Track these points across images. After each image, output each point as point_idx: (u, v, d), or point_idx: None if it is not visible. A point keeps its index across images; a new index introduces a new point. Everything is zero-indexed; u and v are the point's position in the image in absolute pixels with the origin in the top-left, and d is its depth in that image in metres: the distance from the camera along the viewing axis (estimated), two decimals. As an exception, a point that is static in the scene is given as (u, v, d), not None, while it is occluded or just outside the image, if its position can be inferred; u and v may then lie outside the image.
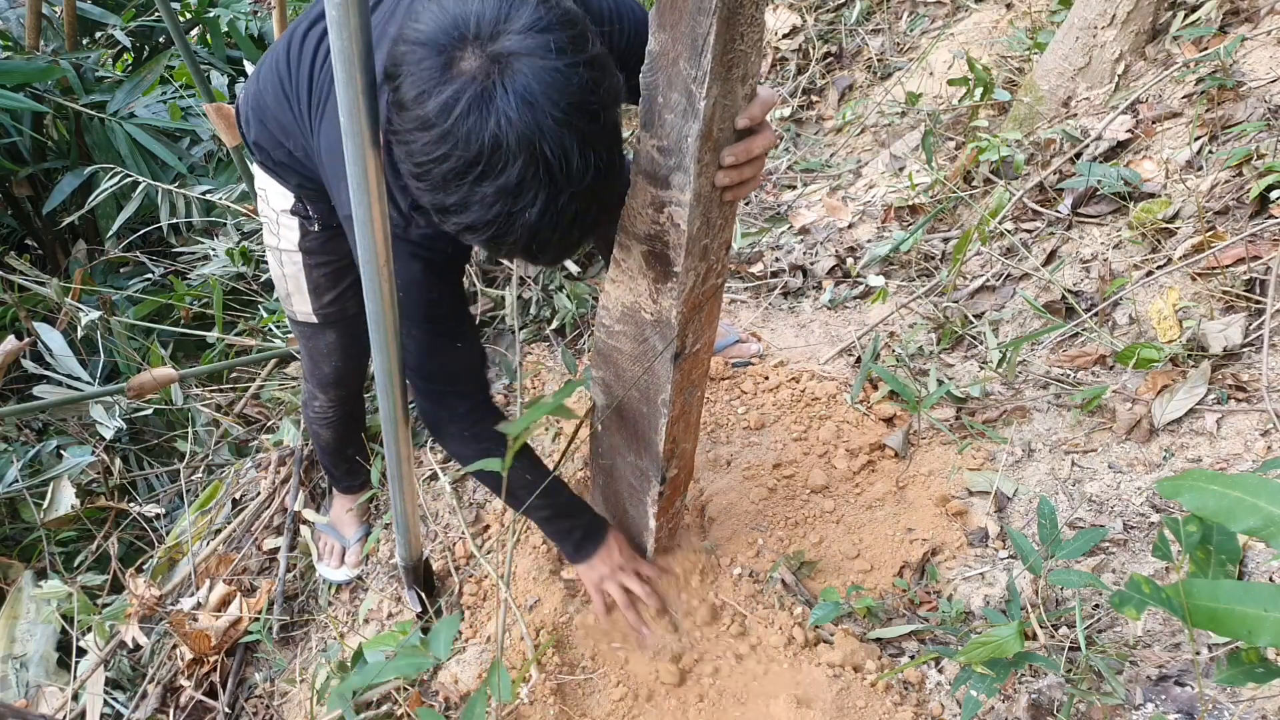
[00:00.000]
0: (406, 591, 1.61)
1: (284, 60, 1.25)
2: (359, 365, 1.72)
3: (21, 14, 3.06)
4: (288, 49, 1.25)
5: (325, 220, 1.43)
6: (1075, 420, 1.68)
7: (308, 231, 1.44)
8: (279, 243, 1.48)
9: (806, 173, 2.94)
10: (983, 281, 2.09)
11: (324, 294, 1.53)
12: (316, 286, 1.52)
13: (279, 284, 1.56)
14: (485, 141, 0.81)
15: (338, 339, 1.62)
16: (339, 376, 1.69)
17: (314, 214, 1.42)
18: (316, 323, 1.58)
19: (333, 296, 1.54)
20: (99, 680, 1.77)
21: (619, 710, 1.41)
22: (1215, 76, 1.95)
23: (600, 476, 1.50)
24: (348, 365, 1.68)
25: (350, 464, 1.90)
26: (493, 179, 0.83)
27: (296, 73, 1.22)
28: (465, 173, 0.84)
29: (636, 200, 1.03)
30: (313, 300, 1.53)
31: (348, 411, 1.79)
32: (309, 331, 1.61)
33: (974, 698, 1.11)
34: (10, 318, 2.52)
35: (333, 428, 1.80)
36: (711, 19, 0.81)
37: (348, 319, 1.59)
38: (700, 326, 1.17)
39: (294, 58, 1.23)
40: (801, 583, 1.57)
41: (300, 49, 1.23)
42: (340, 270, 1.51)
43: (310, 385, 1.73)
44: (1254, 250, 1.64)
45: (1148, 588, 0.84)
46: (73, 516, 2.13)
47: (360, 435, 1.89)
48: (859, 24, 3.32)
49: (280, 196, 1.43)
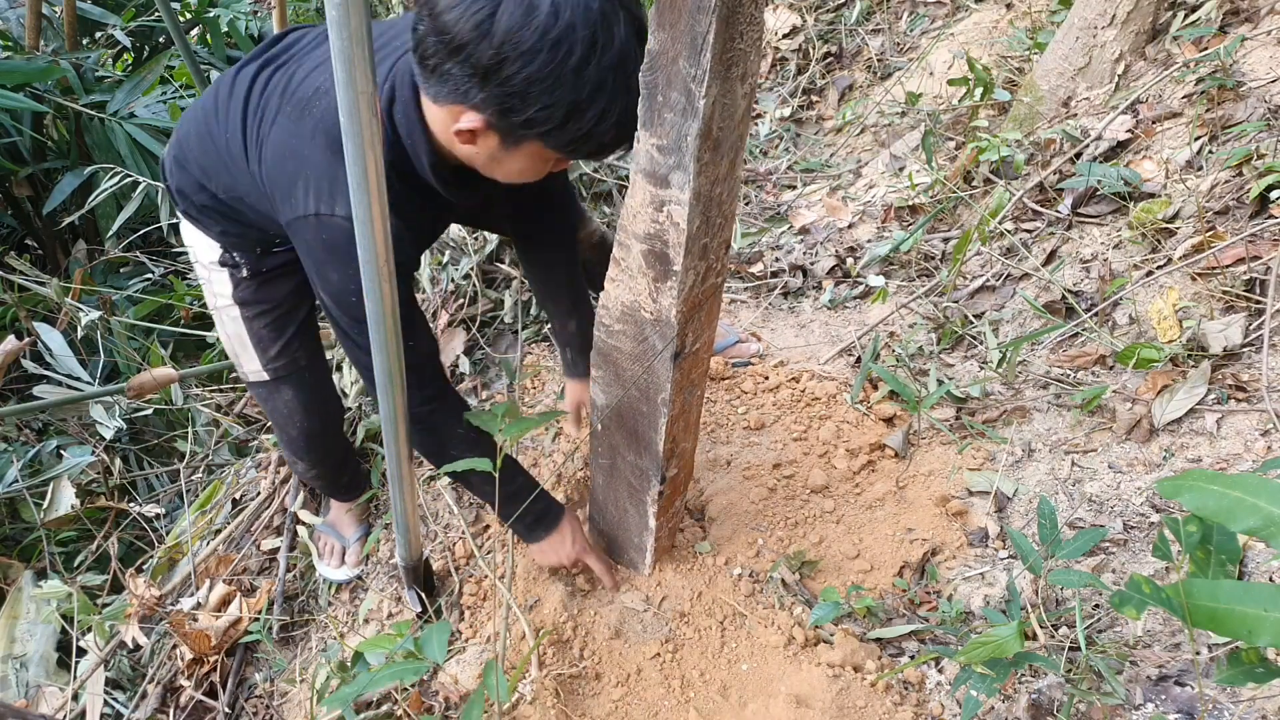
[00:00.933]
0: (406, 591, 1.61)
1: (211, 104, 1.27)
2: (327, 420, 1.68)
3: (21, 14, 3.06)
4: (215, 94, 1.27)
5: (254, 267, 1.43)
6: (1075, 420, 1.67)
7: (239, 281, 1.44)
8: (215, 300, 1.48)
9: (806, 173, 2.94)
10: (983, 281, 2.09)
11: (269, 347, 1.52)
12: (260, 339, 1.50)
13: (226, 345, 1.55)
14: (593, 16, 0.93)
15: (295, 395, 1.58)
16: (309, 438, 1.65)
17: (241, 260, 1.42)
18: (268, 379, 1.55)
19: (278, 349, 1.52)
20: (99, 680, 1.77)
21: (619, 710, 1.41)
22: (1215, 76, 1.95)
23: (600, 476, 1.50)
24: (313, 423, 1.63)
25: (347, 488, 1.91)
26: (610, 47, 0.95)
27: (227, 110, 1.23)
28: (588, 54, 0.93)
29: (635, 199, 1.03)
30: (259, 355, 1.52)
31: (334, 463, 1.79)
32: (265, 392, 1.59)
33: (974, 698, 1.11)
34: (10, 318, 2.52)
35: (323, 479, 1.82)
36: (711, 18, 0.81)
37: (300, 370, 1.56)
38: (700, 326, 1.17)
39: (223, 98, 1.24)
40: (801, 583, 1.57)
41: (231, 88, 1.23)
42: (281, 319, 1.50)
43: (288, 453, 1.73)
44: (1254, 250, 1.63)
45: (1148, 588, 0.84)
46: (73, 516, 2.13)
47: (352, 462, 1.90)
48: (859, 24, 3.32)
49: (206, 248, 1.42)
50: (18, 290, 2.45)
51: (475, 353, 2.32)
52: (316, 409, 1.62)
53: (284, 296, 1.48)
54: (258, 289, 1.46)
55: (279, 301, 1.48)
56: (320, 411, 1.64)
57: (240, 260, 1.42)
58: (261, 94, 1.19)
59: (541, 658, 1.45)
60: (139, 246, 3.00)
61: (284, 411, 1.60)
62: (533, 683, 1.41)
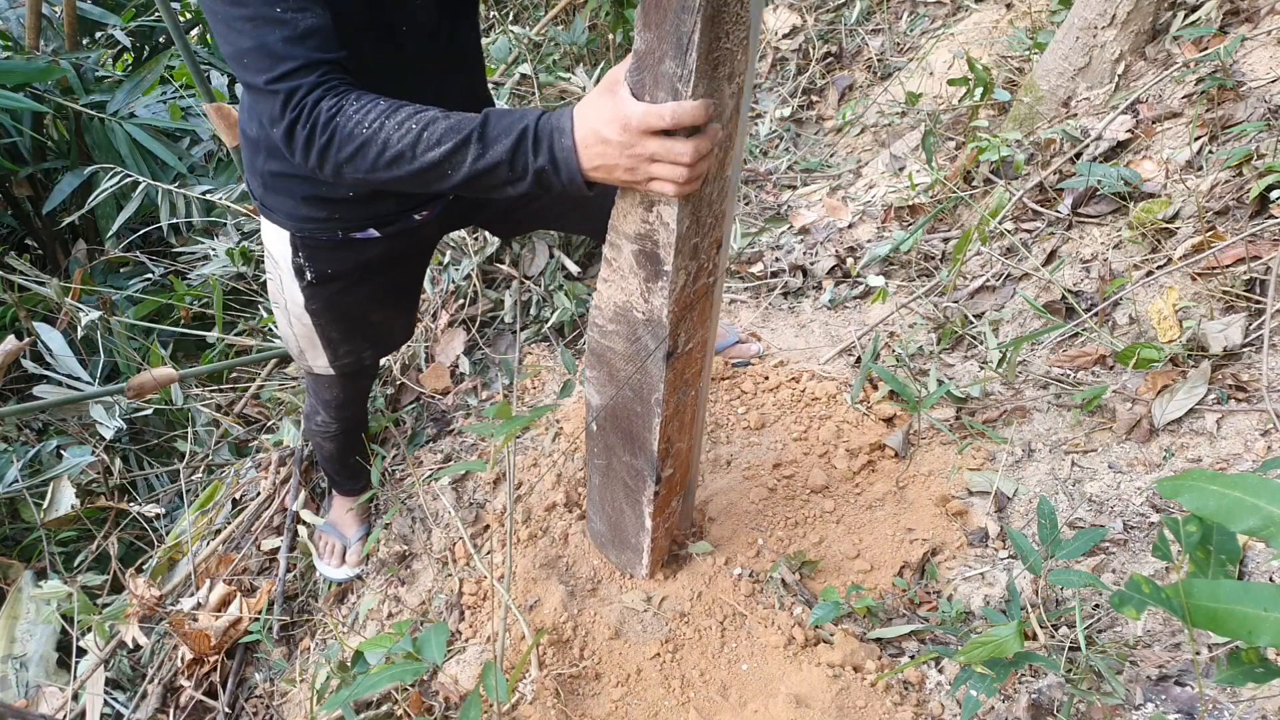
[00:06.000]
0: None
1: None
2: (365, 391, 1.76)
3: (21, 14, 3.06)
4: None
5: (322, 268, 1.37)
6: (1075, 420, 1.67)
7: (311, 293, 1.40)
8: (285, 302, 1.44)
9: (806, 173, 2.94)
10: (983, 281, 2.09)
11: (339, 346, 1.52)
12: (331, 341, 1.50)
13: (289, 342, 1.53)
14: None
15: (353, 378, 1.64)
16: (343, 401, 1.70)
17: (309, 265, 1.36)
18: (333, 374, 1.58)
19: (349, 348, 1.53)
20: (99, 680, 1.77)
21: (619, 710, 1.41)
22: (1215, 76, 1.95)
23: (597, 477, 1.50)
24: (352, 393, 1.70)
25: (352, 469, 1.91)
26: None
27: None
28: None
29: (626, 199, 1.03)
30: (328, 354, 1.52)
31: (351, 425, 1.80)
32: (317, 376, 1.62)
33: (974, 698, 1.11)
34: (10, 318, 2.53)
35: (335, 440, 1.81)
36: (695, 17, 0.81)
37: (364, 369, 1.60)
38: (692, 326, 1.17)
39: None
40: (801, 583, 1.57)
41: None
42: (353, 321, 1.49)
43: (314, 401, 1.74)
44: (1254, 250, 1.63)
45: (1148, 588, 0.84)
46: (73, 516, 2.13)
47: (362, 441, 1.90)
48: (859, 24, 3.32)
49: (279, 243, 1.36)
50: (18, 290, 2.45)
51: (475, 353, 2.33)
52: (361, 386, 1.73)
53: (357, 301, 1.47)
54: (330, 298, 1.42)
55: (350, 305, 1.47)
56: (363, 386, 1.74)
57: (310, 265, 1.37)
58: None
59: (541, 658, 1.45)
60: (139, 246, 3.00)
61: (327, 384, 1.64)
62: (533, 683, 1.41)
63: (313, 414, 1.76)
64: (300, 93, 0.97)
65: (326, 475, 2.00)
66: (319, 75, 0.98)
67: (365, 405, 1.84)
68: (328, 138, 0.97)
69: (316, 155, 0.99)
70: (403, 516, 1.90)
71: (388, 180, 0.99)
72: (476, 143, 0.96)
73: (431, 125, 0.96)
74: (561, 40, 2.96)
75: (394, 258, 1.44)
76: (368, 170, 0.99)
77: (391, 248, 1.41)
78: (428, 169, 0.97)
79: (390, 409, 2.24)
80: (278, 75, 0.97)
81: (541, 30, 2.98)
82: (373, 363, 1.64)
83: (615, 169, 0.93)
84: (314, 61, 0.98)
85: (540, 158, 0.95)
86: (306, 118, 0.97)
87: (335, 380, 1.62)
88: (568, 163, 0.94)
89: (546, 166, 0.95)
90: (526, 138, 0.95)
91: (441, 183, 0.99)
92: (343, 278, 1.40)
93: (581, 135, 0.93)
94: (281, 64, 0.96)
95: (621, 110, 0.90)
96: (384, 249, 1.39)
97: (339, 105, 0.97)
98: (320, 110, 0.97)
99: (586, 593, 1.58)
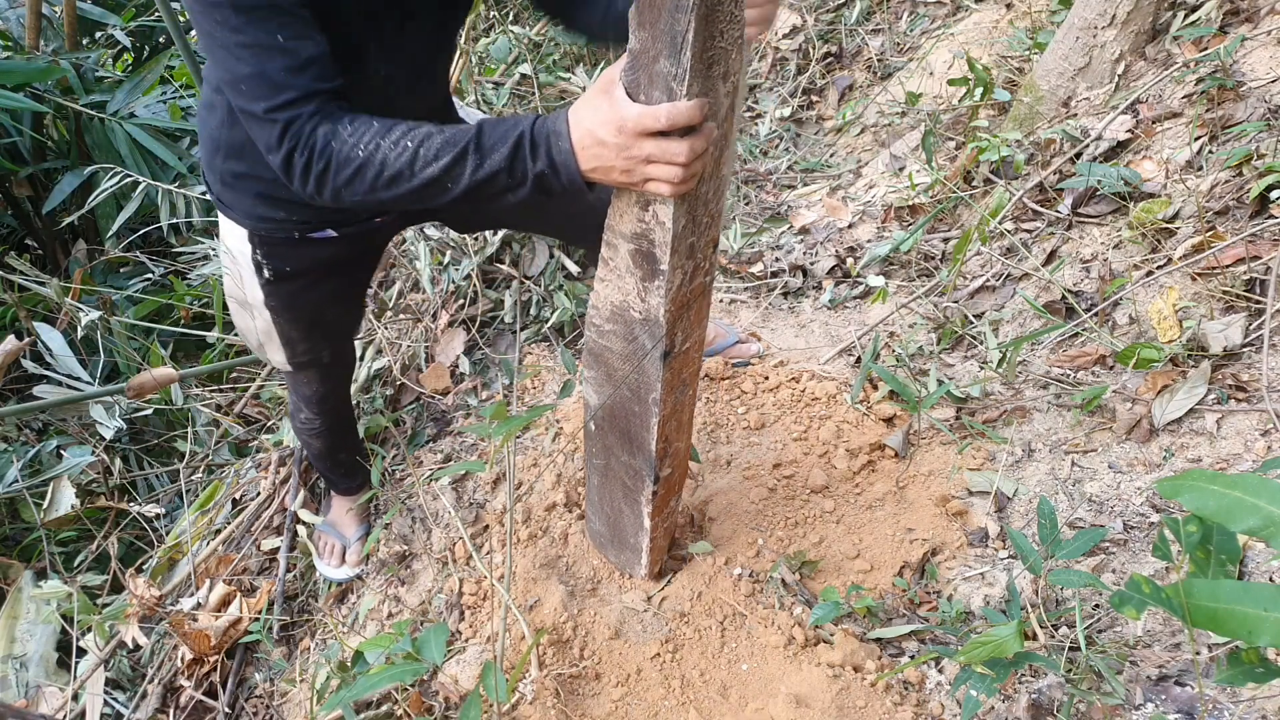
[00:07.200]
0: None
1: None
2: (341, 384, 1.74)
3: (21, 14, 3.06)
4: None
5: (282, 265, 1.38)
6: (1075, 420, 1.67)
7: (269, 288, 1.41)
8: (244, 297, 1.44)
9: (806, 173, 2.94)
10: (983, 281, 2.09)
11: (297, 344, 1.52)
12: (289, 339, 1.50)
13: (248, 335, 1.53)
14: None
15: (317, 373, 1.63)
16: (322, 396, 1.70)
17: (269, 262, 1.36)
18: (292, 370, 1.60)
19: (306, 345, 1.53)
20: (99, 680, 1.77)
21: (619, 710, 1.41)
22: (1215, 76, 1.95)
23: (595, 477, 1.49)
24: (328, 387, 1.69)
25: (344, 467, 1.90)
26: None
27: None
28: None
29: (622, 199, 1.03)
30: (286, 351, 1.53)
31: (335, 421, 1.80)
32: (294, 374, 1.64)
33: (974, 698, 1.11)
34: (10, 318, 2.53)
35: (321, 437, 1.81)
36: (690, 16, 0.81)
37: (323, 365, 1.60)
38: (689, 325, 1.17)
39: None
40: (801, 583, 1.57)
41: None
42: (310, 322, 1.50)
43: (295, 399, 1.75)
44: (1254, 250, 1.63)
45: (1148, 588, 0.84)
46: (73, 516, 2.13)
47: (352, 438, 1.90)
48: (859, 24, 3.32)
49: (237, 240, 1.36)
50: (18, 290, 2.45)
51: (475, 353, 2.33)
52: (336, 378, 1.71)
53: (316, 300, 1.47)
54: (289, 295, 1.43)
55: (310, 305, 1.47)
56: (339, 379, 1.72)
57: (268, 262, 1.38)
58: None
59: (541, 658, 1.45)
60: (139, 246, 3.00)
61: (303, 380, 1.65)
62: (533, 683, 1.41)
63: (296, 412, 1.76)
64: (299, 122, 0.97)
65: (320, 474, 2.00)
66: (317, 104, 0.98)
67: (348, 400, 1.84)
68: (325, 164, 0.98)
69: (315, 181, 0.99)
70: (403, 516, 1.90)
71: (389, 200, 1.00)
72: (474, 154, 0.96)
73: (427, 141, 0.97)
74: (561, 40, 2.96)
75: (351, 257, 1.45)
76: (367, 192, 0.99)
77: (349, 247, 1.41)
78: (428, 185, 0.98)
79: (390, 409, 2.24)
80: (278, 104, 0.97)
81: (541, 30, 2.98)
82: (331, 360, 1.63)
83: (611, 170, 0.93)
84: (313, 91, 0.98)
85: (539, 162, 0.95)
86: (304, 146, 0.98)
87: (303, 375, 1.63)
88: (567, 165, 0.95)
89: (546, 170, 0.96)
90: (523, 144, 0.95)
91: (443, 196, 0.99)
92: (301, 276, 1.41)
93: (578, 137, 0.93)
94: (282, 93, 0.97)
95: (617, 112, 0.90)
96: (341, 248, 1.40)
97: (333, 130, 0.98)
98: (316, 137, 0.97)
99: (586, 593, 1.58)
